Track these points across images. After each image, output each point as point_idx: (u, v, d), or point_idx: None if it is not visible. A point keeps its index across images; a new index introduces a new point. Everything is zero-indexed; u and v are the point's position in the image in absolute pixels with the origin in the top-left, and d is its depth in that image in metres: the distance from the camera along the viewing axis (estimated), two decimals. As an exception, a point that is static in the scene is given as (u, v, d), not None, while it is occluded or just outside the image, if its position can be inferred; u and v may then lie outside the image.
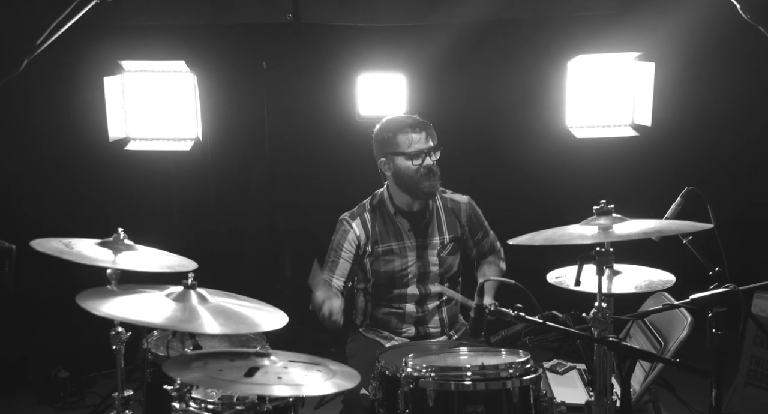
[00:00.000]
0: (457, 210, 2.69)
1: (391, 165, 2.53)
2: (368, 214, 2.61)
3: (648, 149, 4.12)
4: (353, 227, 2.57)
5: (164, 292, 1.81)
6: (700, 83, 4.06)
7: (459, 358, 1.72)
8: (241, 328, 1.66)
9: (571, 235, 1.53)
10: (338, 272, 2.55)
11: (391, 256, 2.57)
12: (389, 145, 2.52)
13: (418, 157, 2.47)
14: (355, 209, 2.66)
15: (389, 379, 2.01)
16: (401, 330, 2.62)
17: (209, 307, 1.77)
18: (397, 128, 2.51)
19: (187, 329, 1.63)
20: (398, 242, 2.58)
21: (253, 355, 1.66)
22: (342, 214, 2.66)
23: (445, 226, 2.65)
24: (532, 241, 1.57)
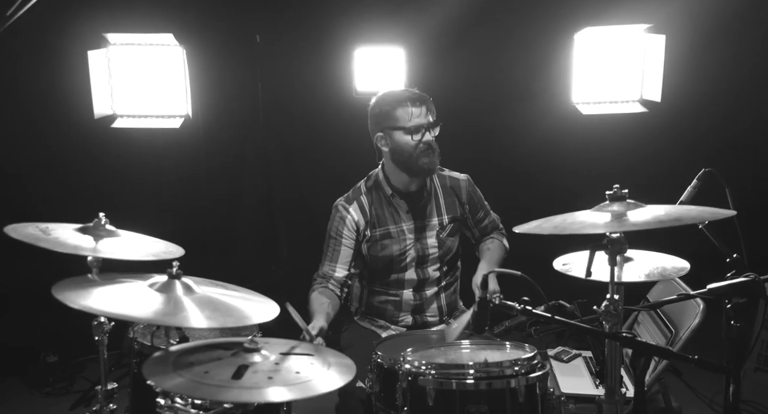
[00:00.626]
0: (456, 188, 2.60)
1: (388, 140, 2.44)
2: (365, 197, 2.52)
3: (657, 126, 4.02)
4: (351, 212, 2.49)
5: (147, 282, 1.72)
6: (713, 56, 3.93)
7: (460, 353, 1.63)
8: (228, 322, 1.57)
9: (582, 223, 1.43)
10: (341, 260, 2.47)
11: (388, 239, 2.48)
12: (387, 119, 2.42)
13: (418, 131, 2.38)
14: (349, 193, 2.57)
15: (386, 372, 1.94)
16: (398, 318, 2.55)
17: (195, 298, 1.68)
18: (395, 101, 2.41)
19: (170, 323, 1.54)
20: (396, 225, 2.49)
21: (242, 350, 1.57)
22: (337, 200, 2.56)
23: (444, 206, 2.56)
24: (540, 229, 1.47)
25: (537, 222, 1.57)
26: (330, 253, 2.47)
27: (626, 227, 1.39)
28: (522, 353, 1.64)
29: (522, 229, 1.53)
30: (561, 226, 1.44)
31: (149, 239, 2.09)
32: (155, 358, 1.60)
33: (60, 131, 3.83)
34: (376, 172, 2.57)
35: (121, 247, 1.92)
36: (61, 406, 3.47)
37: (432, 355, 1.64)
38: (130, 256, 1.84)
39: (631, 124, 4.06)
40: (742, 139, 4.13)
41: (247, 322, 1.62)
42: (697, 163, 2.25)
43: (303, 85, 4.05)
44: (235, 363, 1.53)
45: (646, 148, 4.03)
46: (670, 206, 1.58)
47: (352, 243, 2.47)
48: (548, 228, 1.46)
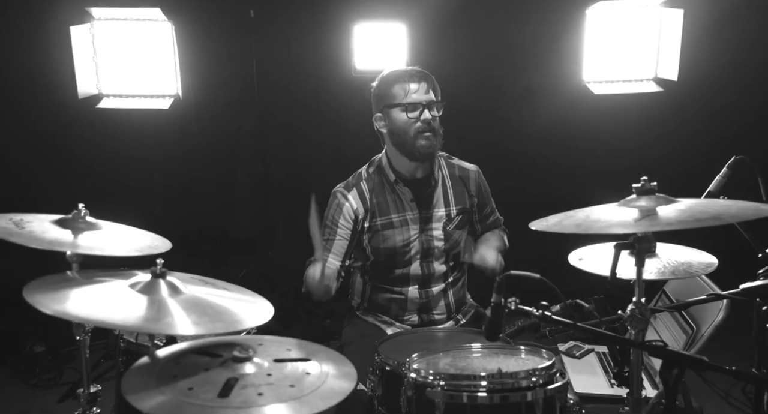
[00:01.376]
0: (465, 178, 2.48)
1: (386, 120, 2.32)
2: (365, 183, 2.39)
3: (673, 107, 3.89)
4: (349, 200, 2.36)
5: (129, 282, 1.59)
6: (734, 32, 3.78)
7: (471, 361, 1.52)
8: (217, 327, 1.45)
9: (607, 222, 1.31)
10: (334, 251, 2.34)
11: (390, 230, 2.36)
12: (385, 97, 2.31)
13: (415, 109, 2.26)
14: (350, 179, 2.44)
15: (390, 374, 1.83)
16: (403, 317, 2.44)
17: (181, 299, 1.56)
18: (393, 79, 2.31)
19: (153, 330, 1.43)
20: (399, 214, 2.37)
21: (231, 359, 1.45)
22: (336, 186, 2.43)
23: (452, 196, 2.44)
24: (560, 227, 1.35)
25: (556, 218, 1.44)
26: (325, 242, 2.35)
27: (658, 226, 1.26)
28: (539, 361, 1.53)
29: (539, 225, 1.40)
30: (584, 225, 1.32)
31: (134, 231, 1.98)
32: (137, 368, 1.48)
33: (41, 112, 3.69)
34: (380, 157, 2.45)
35: (102, 241, 1.80)
36: (48, 398, 3.37)
37: (440, 363, 1.53)
38: (111, 251, 1.72)
39: (645, 104, 3.94)
40: (765, 121, 3.99)
41: (237, 327, 1.50)
42: (716, 146, 2.13)
43: (300, 63, 3.94)
44: (224, 375, 1.41)
45: (662, 130, 3.91)
46: (704, 200, 1.45)
47: (348, 233, 2.35)
48: (569, 226, 1.33)
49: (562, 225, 1.36)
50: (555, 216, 1.46)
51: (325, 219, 2.37)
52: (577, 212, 1.44)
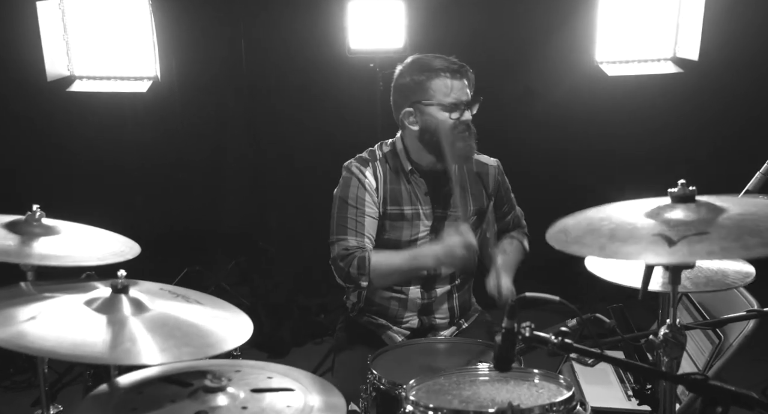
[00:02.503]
0: (484, 175, 2.33)
1: (418, 118, 2.16)
2: (379, 164, 2.24)
3: (694, 88, 3.74)
4: (368, 177, 2.20)
5: (86, 297, 1.43)
6: (758, 8, 3.61)
7: (477, 389, 1.36)
8: (183, 354, 1.29)
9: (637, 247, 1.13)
10: (368, 232, 2.17)
11: (400, 221, 2.21)
12: (419, 91, 2.14)
13: (457, 109, 2.11)
14: (363, 155, 2.28)
15: (384, 396, 1.71)
16: (402, 319, 2.29)
17: (146, 318, 1.40)
18: (431, 71, 2.13)
19: (111, 361, 1.26)
20: (412, 206, 2.22)
21: (201, 389, 1.29)
22: (347, 162, 2.27)
23: (469, 195, 2.29)
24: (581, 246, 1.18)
25: (575, 229, 1.27)
26: (353, 224, 2.15)
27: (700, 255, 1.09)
28: (555, 390, 1.37)
29: (557, 242, 1.23)
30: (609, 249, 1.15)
31: (99, 234, 1.82)
32: (92, 398, 1.33)
33: (5, 96, 3.55)
34: (393, 142, 2.30)
35: (59, 248, 1.64)
36: (21, 401, 3.26)
37: (442, 392, 1.37)
38: (66, 261, 1.56)
39: (663, 86, 3.79)
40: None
41: (209, 352, 1.34)
42: (740, 130, 1.97)
43: (291, 42, 3.82)
44: (192, 408, 1.26)
45: (681, 113, 3.75)
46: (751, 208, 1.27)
47: (375, 212, 2.19)
48: (593, 247, 1.16)
49: (583, 244, 1.19)
50: (574, 225, 1.29)
51: (345, 198, 2.19)
52: (599, 220, 1.27)
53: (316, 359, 3.69)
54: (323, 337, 4.19)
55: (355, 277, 2.09)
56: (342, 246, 2.13)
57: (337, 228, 2.17)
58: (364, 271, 2.08)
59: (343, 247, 2.13)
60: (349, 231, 2.15)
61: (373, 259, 2.09)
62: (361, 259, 2.09)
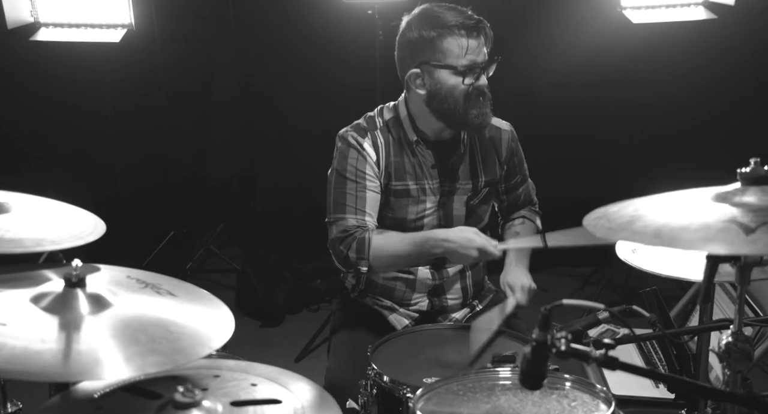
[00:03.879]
0: (497, 141, 2.14)
1: (426, 80, 1.95)
2: (380, 134, 2.04)
3: (730, 37, 3.47)
4: (366, 149, 2.01)
5: (33, 292, 1.25)
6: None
7: (498, 402, 1.19)
8: (147, 364, 1.12)
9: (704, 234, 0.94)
10: (369, 207, 1.99)
11: (405, 198, 2.04)
12: (429, 50, 1.93)
13: (472, 72, 1.92)
14: (361, 122, 2.08)
15: (385, 394, 1.57)
16: (410, 301, 2.13)
17: (107, 317, 1.23)
18: (443, 28, 1.91)
19: (59, 378, 1.09)
20: (417, 181, 2.04)
21: (171, 405, 1.13)
22: (343, 130, 2.07)
23: (480, 166, 2.11)
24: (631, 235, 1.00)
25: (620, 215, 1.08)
26: (352, 201, 1.98)
27: None
28: (591, 403, 1.21)
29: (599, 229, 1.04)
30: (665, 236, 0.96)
31: (59, 211, 1.63)
32: (42, 410, 1.16)
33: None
34: (395, 107, 2.09)
35: (5, 230, 1.44)
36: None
37: (456, 404, 1.21)
38: (8, 247, 1.37)
39: (694, 34, 3.50)
40: None
41: (179, 360, 1.17)
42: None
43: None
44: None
45: (715, 66, 3.52)
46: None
47: (377, 186, 2.01)
48: (645, 235, 0.98)
49: (632, 232, 1.00)
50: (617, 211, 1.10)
51: (343, 171, 2.01)
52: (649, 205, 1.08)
53: (311, 328, 3.59)
54: (319, 304, 4.09)
55: (354, 261, 1.93)
56: (340, 227, 1.96)
57: (334, 206, 1.99)
58: (363, 254, 1.91)
59: (341, 229, 1.95)
60: (348, 209, 1.96)
61: (374, 241, 1.92)
62: (360, 242, 1.92)
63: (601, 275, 4.30)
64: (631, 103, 3.66)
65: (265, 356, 3.41)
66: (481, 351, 1.63)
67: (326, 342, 3.43)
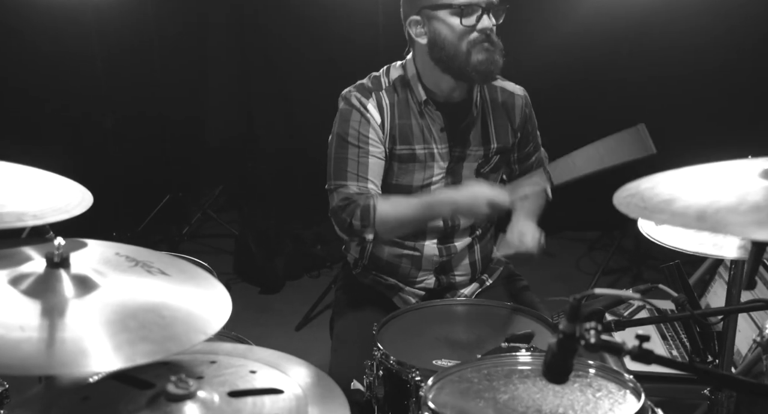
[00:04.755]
0: (510, 106, 2.04)
1: (426, 27, 1.85)
2: (385, 95, 1.94)
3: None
4: (369, 111, 1.91)
5: (12, 274, 1.17)
6: None
7: (517, 391, 1.12)
8: (137, 354, 1.04)
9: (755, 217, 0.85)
10: (371, 174, 1.89)
11: (412, 163, 1.94)
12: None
13: (471, 12, 1.81)
14: (365, 82, 1.98)
15: (392, 376, 1.51)
16: (416, 279, 2.05)
17: (94, 300, 1.16)
18: None
19: (43, 370, 1.01)
20: (425, 145, 1.94)
21: (164, 396, 1.06)
22: (345, 91, 1.97)
23: (493, 131, 2.00)
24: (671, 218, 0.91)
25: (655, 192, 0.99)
26: (354, 166, 1.89)
27: None
28: (618, 395, 1.13)
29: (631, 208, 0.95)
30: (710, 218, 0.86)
31: (41, 181, 1.54)
32: (22, 405, 1.09)
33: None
34: (402, 66, 1.99)
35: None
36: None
37: (471, 395, 1.13)
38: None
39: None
40: None
41: (174, 348, 1.09)
42: None
43: None
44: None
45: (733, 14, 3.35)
46: None
47: (381, 152, 1.92)
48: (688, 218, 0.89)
49: (672, 213, 0.91)
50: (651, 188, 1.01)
51: (345, 135, 1.91)
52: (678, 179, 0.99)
53: (313, 294, 3.55)
54: (320, 270, 4.05)
55: (359, 230, 1.84)
56: (342, 194, 1.87)
57: (335, 172, 1.90)
58: (368, 221, 1.82)
59: (343, 196, 1.86)
60: (350, 175, 1.87)
61: (378, 207, 1.83)
62: (364, 209, 1.82)
63: (609, 239, 4.23)
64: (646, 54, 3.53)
65: (265, 324, 3.37)
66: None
67: (328, 309, 3.40)
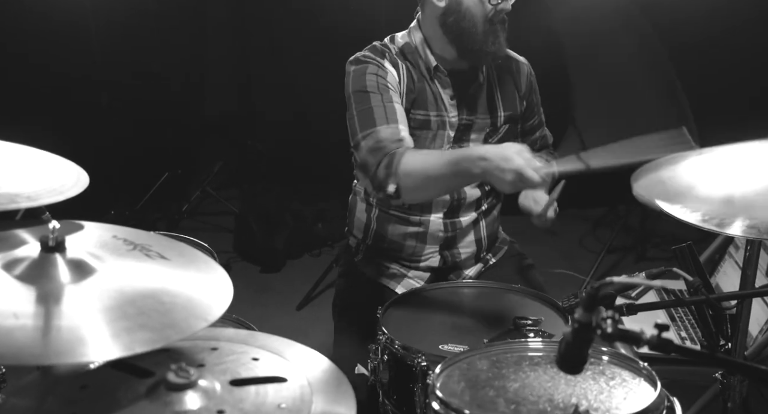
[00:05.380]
0: (515, 74, 2.00)
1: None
2: (398, 58, 1.88)
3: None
4: (386, 67, 1.84)
5: (6, 258, 1.14)
6: None
7: (528, 380, 1.09)
8: (136, 342, 1.01)
9: None
10: (401, 118, 1.79)
11: (426, 131, 1.88)
12: None
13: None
14: (376, 44, 1.92)
15: (398, 361, 1.49)
16: (420, 257, 2.02)
17: (91, 286, 1.13)
18: None
19: (39, 360, 0.98)
20: (437, 112, 1.89)
21: (164, 385, 1.03)
22: (352, 57, 1.89)
23: (500, 99, 1.96)
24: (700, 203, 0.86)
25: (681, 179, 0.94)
26: (381, 112, 1.76)
27: None
28: (632, 382, 1.10)
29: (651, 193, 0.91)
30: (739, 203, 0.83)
31: (35, 161, 1.51)
32: (17, 393, 1.07)
33: None
34: (409, 33, 1.94)
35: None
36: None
37: (480, 384, 1.10)
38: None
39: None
40: None
41: (173, 336, 1.06)
42: None
43: None
44: (149, 412, 1.00)
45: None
46: None
47: (401, 100, 1.83)
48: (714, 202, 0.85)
49: (695, 198, 0.87)
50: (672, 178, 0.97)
51: (364, 88, 1.81)
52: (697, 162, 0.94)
53: (314, 273, 3.53)
54: (321, 249, 4.02)
55: (382, 179, 1.69)
56: (372, 139, 1.73)
57: (360, 125, 1.77)
58: (392, 169, 1.67)
59: (373, 141, 1.73)
60: (378, 120, 1.75)
61: (406, 155, 1.68)
62: (391, 156, 1.68)
63: (614, 216, 4.20)
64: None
65: (266, 304, 3.35)
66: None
67: (329, 288, 3.38)
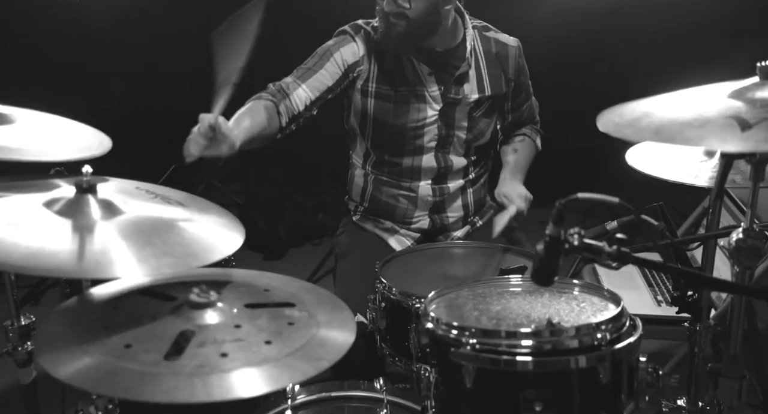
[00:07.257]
0: (503, 57, 2.13)
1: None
2: (374, 32, 2.05)
3: None
4: (356, 40, 2.04)
5: (45, 197, 1.28)
6: None
7: (509, 304, 1.23)
8: (162, 265, 1.15)
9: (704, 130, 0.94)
10: (310, 83, 2.01)
11: (405, 105, 2.05)
12: None
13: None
14: (360, 22, 2.10)
15: (395, 307, 1.61)
16: (411, 219, 2.18)
17: (119, 223, 1.26)
18: None
19: (75, 274, 1.12)
20: (416, 87, 2.05)
21: (186, 305, 1.16)
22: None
23: (487, 79, 2.10)
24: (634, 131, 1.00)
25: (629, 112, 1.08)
26: (304, 70, 2.03)
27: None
28: (599, 304, 1.24)
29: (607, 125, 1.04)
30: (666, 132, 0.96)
31: (61, 125, 1.64)
32: (60, 313, 1.20)
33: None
34: None
35: (9, 140, 1.46)
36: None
37: (466, 307, 1.24)
38: (15, 155, 1.39)
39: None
40: None
41: (192, 262, 1.20)
42: None
43: None
44: (175, 326, 1.14)
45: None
46: None
47: (337, 73, 2.03)
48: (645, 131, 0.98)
49: (636, 128, 1.00)
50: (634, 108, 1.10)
51: (318, 50, 2.07)
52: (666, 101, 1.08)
53: (314, 261, 3.63)
54: (322, 238, 4.13)
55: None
56: (275, 82, 2.02)
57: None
58: None
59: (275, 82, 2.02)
60: (297, 72, 2.03)
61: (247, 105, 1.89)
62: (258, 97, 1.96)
63: (602, 207, 4.31)
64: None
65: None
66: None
67: (330, 273, 3.48)
